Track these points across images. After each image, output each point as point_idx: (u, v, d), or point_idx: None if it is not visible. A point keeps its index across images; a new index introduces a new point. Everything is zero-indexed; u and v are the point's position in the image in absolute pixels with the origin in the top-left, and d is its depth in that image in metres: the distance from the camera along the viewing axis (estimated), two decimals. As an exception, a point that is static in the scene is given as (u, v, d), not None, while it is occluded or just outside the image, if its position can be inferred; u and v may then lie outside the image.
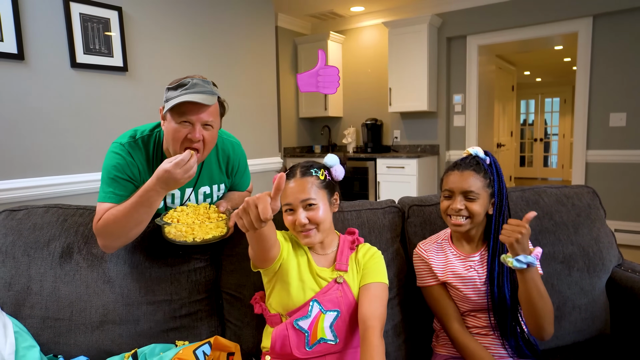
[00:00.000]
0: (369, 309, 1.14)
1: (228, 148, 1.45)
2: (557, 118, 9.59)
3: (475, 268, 1.26)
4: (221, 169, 1.44)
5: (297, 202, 1.17)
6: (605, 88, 4.02)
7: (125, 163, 1.26)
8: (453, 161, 1.31)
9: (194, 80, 1.23)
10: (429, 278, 1.31)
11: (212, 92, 1.25)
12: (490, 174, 1.25)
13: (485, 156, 1.27)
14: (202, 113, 1.22)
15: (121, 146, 1.27)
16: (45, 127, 2.28)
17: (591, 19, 3.99)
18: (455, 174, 1.25)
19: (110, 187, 1.25)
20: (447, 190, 1.26)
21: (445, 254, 1.31)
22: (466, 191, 1.22)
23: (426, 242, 1.37)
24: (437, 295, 1.29)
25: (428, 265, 1.31)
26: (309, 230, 1.18)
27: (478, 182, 1.22)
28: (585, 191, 1.56)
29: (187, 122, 1.22)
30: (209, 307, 1.39)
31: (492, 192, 1.24)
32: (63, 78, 2.36)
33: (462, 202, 1.22)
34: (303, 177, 1.18)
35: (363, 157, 4.65)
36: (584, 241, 1.43)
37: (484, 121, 5.00)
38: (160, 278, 1.34)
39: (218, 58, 3.21)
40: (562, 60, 7.43)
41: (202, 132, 1.23)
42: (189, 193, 1.39)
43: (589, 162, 4.17)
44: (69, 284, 1.31)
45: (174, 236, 1.26)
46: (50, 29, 2.29)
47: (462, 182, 1.22)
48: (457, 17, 4.60)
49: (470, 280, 1.25)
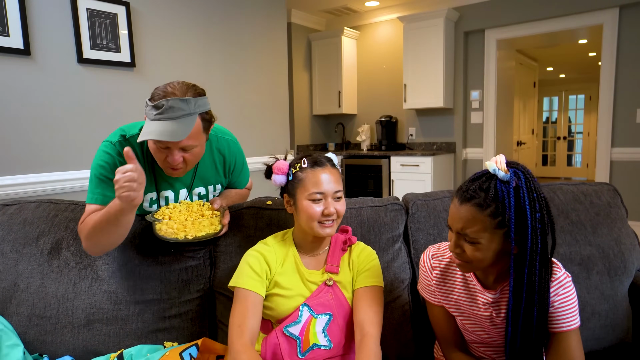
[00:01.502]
0: (365, 315, 1.09)
1: (223, 147, 1.38)
2: (582, 116, 9.26)
3: (491, 305, 1.00)
4: (217, 170, 1.38)
5: (331, 192, 1.12)
6: (631, 83, 3.82)
7: (114, 163, 1.20)
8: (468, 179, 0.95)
9: (170, 103, 1.08)
10: (430, 295, 1.12)
11: (189, 114, 1.10)
12: (507, 209, 0.86)
13: (511, 176, 0.88)
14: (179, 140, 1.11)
15: (112, 145, 1.22)
16: (51, 123, 2.27)
17: (617, 10, 3.80)
18: (454, 205, 0.93)
19: (98, 187, 1.20)
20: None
21: (453, 281, 1.07)
22: (460, 233, 0.92)
23: (438, 254, 1.10)
24: (438, 315, 1.13)
25: (431, 284, 1.11)
26: (332, 221, 1.13)
27: (478, 224, 0.88)
28: (605, 188, 1.44)
29: (165, 147, 1.13)
30: (201, 308, 1.33)
31: (509, 230, 0.87)
32: (70, 74, 2.34)
33: (459, 242, 0.93)
34: (334, 168, 1.16)
35: (377, 155, 4.56)
36: (604, 242, 1.32)
37: (502, 118, 4.83)
38: (150, 276, 1.29)
39: (228, 54, 3.16)
40: (587, 55, 7.16)
41: (181, 155, 1.15)
42: (183, 195, 1.33)
43: (613, 161, 3.98)
44: (56, 281, 1.27)
45: (165, 233, 1.20)
46: (57, 24, 2.28)
47: (456, 219, 0.92)
48: (475, 10, 4.45)
49: (480, 319, 1.03)
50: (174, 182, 1.30)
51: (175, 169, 1.17)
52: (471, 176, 0.95)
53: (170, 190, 1.30)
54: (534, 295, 0.89)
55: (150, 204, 1.30)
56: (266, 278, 1.14)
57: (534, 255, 0.88)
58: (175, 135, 1.08)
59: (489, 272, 0.99)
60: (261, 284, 1.12)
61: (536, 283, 0.89)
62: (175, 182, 1.30)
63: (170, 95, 1.10)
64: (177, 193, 1.32)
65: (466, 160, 4.79)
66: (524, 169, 0.89)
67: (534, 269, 0.88)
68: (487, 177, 0.90)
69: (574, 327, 0.94)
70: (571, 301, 0.95)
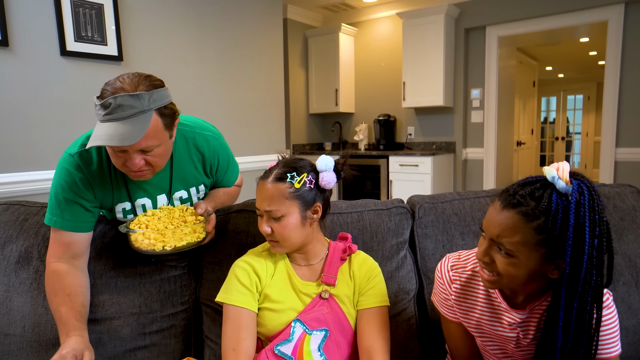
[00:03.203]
0: (375, 342, 0.98)
1: (202, 144, 1.20)
2: (580, 116, 9.19)
3: (518, 326, 0.88)
4: (197, 169, 1.22)
5: (263, 211, 0.99)
6: (637, 81, 3.72)
7: (72, 181, 1.07)
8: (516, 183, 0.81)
9: (118, 100, 0.93)
10: (447, 311, 1.00)
11: (143, 112, 0.95)
12: (558, 225, 0.73)
13: (573, 190, 0.73)
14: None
15: (70, 158, 1.08)
16: (30, 119, 2.13)
17: (623, 6, 3.70)
18: (494, 208, 0.80)
19: (57, 209, 1.08)
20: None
21: (475, 296, 0.94)
22: (494, 240, 0.79)
23: (458, 265, 0.97)
24: (454, 333, 1.01)
25: (449, 298, 0.98)
26: (272, 241, 1.01)
27: (518, 235, 0.74)
28: (628, 191, 1.32)
29: (121, 151, 0.98)
30: (186, 322, 1.20)
31: (553, 251, 0.75)
32: (52, 67, 2.21)
33: (490, 250, 0.80)
34: (274, 183, 0.98)
35: (375, 155, 4.43)
36: (630, 250, 1.20)
37: (503, 118, 4.73)
38: (128, 288, 1.16)
39: (222, 49, 3.03)
40: (588, 54, 7.07)
41: (142, 157, 1.00)
42: (162, 201, 1.19)
43: (618, 161, 3.88)
44: (23, 294, 1.14)
45: (141, 245, 1.06)
46: (38, 13, 2.14)
47: (494, 224, 0.78)
48: (476, 6, 4.34)
49: (504, 341, 0.91)
50: (148, 188, 1.15)
51: (139, 172, 1.03)
52: (522, 179, 0.80)
53: (145, 197, 1.16)
54: (582, 335, 0.75)
55: (125, 215, 1.16)
56: (257, 291, 1.01)
57: (586, 288, 0.73)
58: (126, 139, 0.92)
59: (519, 291, 0.86)
60: (252, 298, 1.00)
61: (586, 321, 0.75)
62: (149, 187, 1.15)
63: (119, 92, 0.94)
64: (155, 200, 1.18)
65: (466, 161, 4.67)
66: (590, 184, 0.75)
67: (585, 304, 0.74)
68: (542, 185, 0.76)
69: (614, 354, 0.82)
70: (614, 326, 0.82)
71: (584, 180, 0.75)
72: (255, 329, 1.00)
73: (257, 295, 1.01)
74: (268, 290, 1.02)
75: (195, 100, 2.86)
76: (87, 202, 1.09)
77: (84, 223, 1.11)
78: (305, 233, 1.01)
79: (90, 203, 1.10)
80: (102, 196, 1.12)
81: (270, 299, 1.01)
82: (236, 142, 3.09)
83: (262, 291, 1.02)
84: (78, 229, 1.10)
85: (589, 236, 0.72)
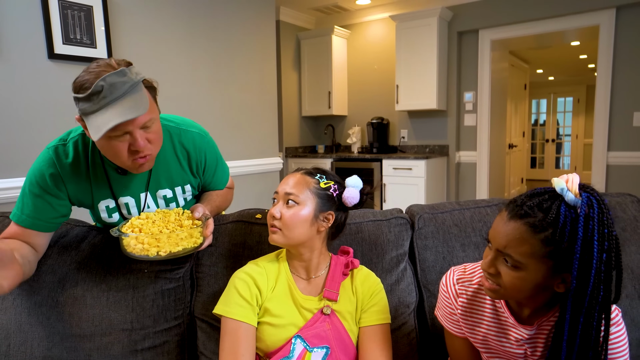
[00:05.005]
0: (377, 359, 0.97)
1: (187, 141, 1.16)
2: (570, 118, 9.28)
3: (526, 342, 0.86)
4: (182, 167, 1.17)
5: (282, 194, 1.00)
6: (628, 85, 3.75)
7: (41, 175, 1.03)
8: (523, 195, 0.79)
9: (108, 80, 0.89)
10: (453, 325, 0.97)
11: (135, 83, 0.94)
12: (565, 238, 0.71)
13: (582, 202, 0.72)
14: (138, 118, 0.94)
15: (46, 152, 1.05)
16: (17, 123, 2.07)
17: (614, 11, 3.72)
18: (501, 218, 0.78)
19: (20, 203, 1.05)
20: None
21: (481, 311, 0.91)
22: (501, 251, 0.77)
23: (464, 278, 0.94)
24: (459, 349, 0.99)
25: (455, 312, 0.95)
26: (274, 227, 0.99)
27: (525, 246, 0.73)
28: (629, 200, 1.31)
29: (124, 134, 0.95)
30: (179, 338, 1.16)
31: (560, 264, 0.73)
32: (39, 70, 2.15)
33: (496, 261, 0.78)
34: (304, 175, 1.02)
35: (368, 158, 4.41)
36: (633, 261, 1.19)
37: (496, 121, 4.74)
38: (119, 303, 1.12)
39: (214, 52, 2.98)
40: (578, 58, 7.13)
41: (144, 136, 0.97)
42: (145, 199, 1.14)
43: (610, 165, 3.90)
44: (6, 311, 1.09)
45: (134, 250, 1.00)
46: (25, 15, 2.09)
47: (501, 234, 0.76)
48: (469, 9, 4.34)
49: (512, 357, 0.89)
50: (130, 185, 1.11)
51: (144, 157, 0.99)
52: (530, 190, 0.79)
53: (128, 195, 1.11)
54: (587, 352, 0.74)
55: (109, 214, 1.11)
56: (257, 304, 0.98)
57: (593, 303, 0.72)
58: (140, 108, 0.91)
59: (525, 305, 0.84)
60: (252, 312, 0.97)
61: (592, 337, 0.73)
62: (131, 185, 1.11)
63: (102, 74, 0.90)
64: (138, 198, 1.13)
65: (459, 164, 4.67)
66: (599, 198, 0.73)
67: (591, 319, 0.73)
68: (551, 196, 0.75)
69: None
70: (623, 343, 0.80)
71: (594, 193, 0.73)
72: (254, 344, 0.97)
73: (257, 309, 0.98)
74: (269, 304, 0.98)
75: (187, 102, 2.81)
76: (55, 198, 1.05)
77: (43, 222, 1.05)
78: (310, 234, 0.99)
79: (59, 200, 1.05)
80: (77, 192, 1.07)
81: (271, 313, 0.97)
82: (228, 146, 3.04)
83: (263, 305, 0.98)
84: (35, 227, 1.05)
85: (598, 250, 0.70)
